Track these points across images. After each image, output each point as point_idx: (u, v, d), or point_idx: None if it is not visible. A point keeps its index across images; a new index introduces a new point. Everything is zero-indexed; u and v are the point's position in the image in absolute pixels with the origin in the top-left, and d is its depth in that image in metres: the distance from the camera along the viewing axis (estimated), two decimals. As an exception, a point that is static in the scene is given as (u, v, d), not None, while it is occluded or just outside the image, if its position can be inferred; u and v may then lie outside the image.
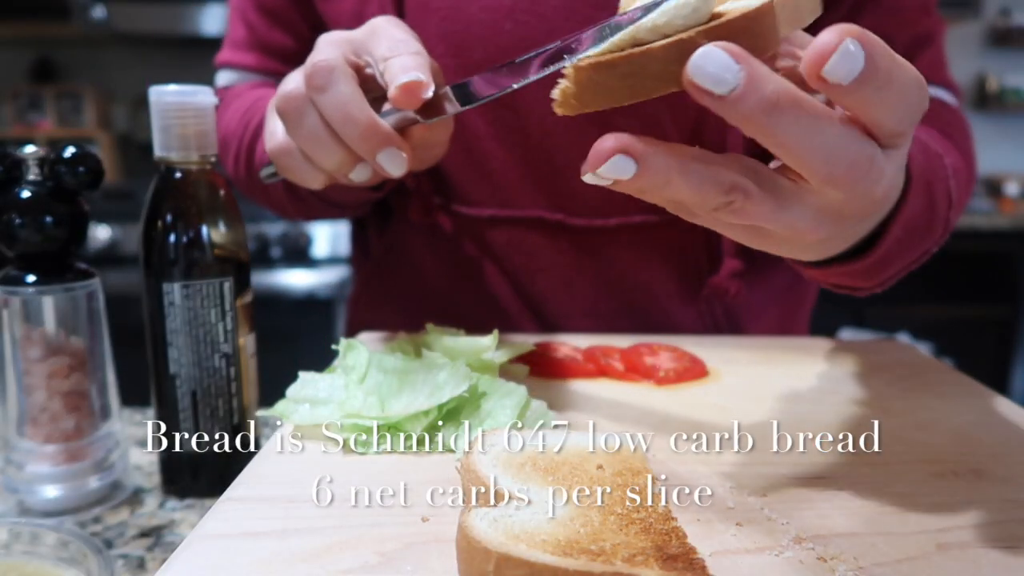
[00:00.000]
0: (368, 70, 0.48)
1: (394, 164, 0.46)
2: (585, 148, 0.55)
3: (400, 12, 0.63)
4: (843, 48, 0.28)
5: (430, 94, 0.44)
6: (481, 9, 0.61)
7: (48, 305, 0.48)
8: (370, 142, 0.45)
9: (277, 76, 0.72)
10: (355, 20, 0.65)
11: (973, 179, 0.64)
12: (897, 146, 0.33)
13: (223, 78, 0.76)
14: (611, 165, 0.30)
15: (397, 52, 0.45)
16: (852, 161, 0.30)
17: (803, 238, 0.34)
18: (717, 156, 0.31)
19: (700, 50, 0.28)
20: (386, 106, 0.48)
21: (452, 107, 0.44)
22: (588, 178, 0.32)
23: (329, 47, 0.47)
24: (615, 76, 0.30)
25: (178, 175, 0.48)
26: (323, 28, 0.69)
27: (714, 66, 0.27)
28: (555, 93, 0.31)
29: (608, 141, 0.30)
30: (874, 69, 0.28)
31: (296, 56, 0.72)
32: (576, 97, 0.31)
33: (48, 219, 0.47)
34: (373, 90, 0.47)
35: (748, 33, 0.29)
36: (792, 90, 0.28)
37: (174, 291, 0.47)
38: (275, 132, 0.51)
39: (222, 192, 0.50)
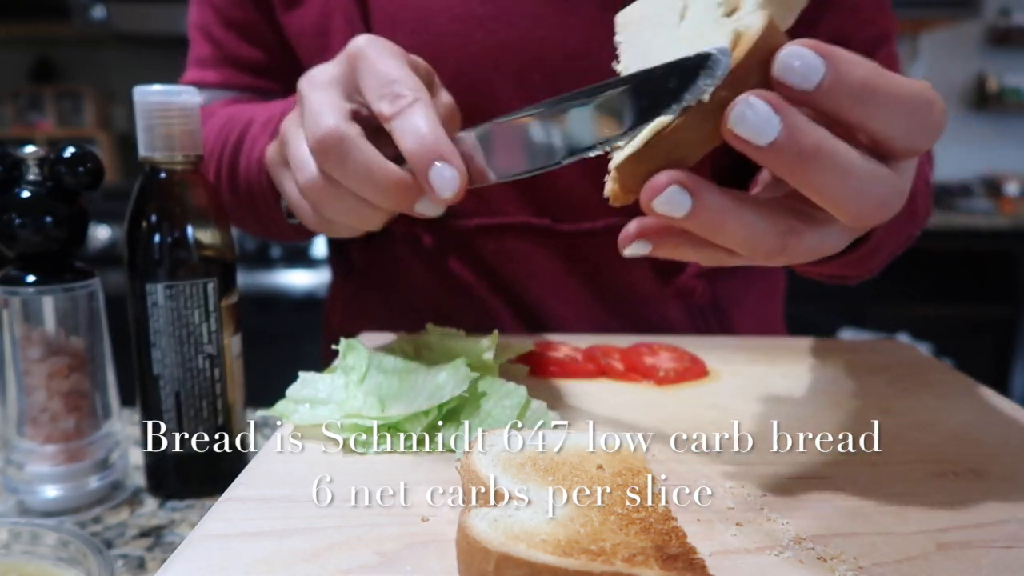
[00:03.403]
0: (365, 111, 0.45)
1: (447, 194, 0.41)
2: None
3: (366, 26, 0.62)
4: (793, 51, 0.29)
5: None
6: (451, 20, 0.61)
7: (48, 305, 0.48)
8: (407, 197, 0.43)
9: (248, 90, 0.71)
10: (318, 34, 0.64)
11: (933, 165, 0.67)
12: (912, 158, 0.33)
13: None
14: (666, 198, 0.30)
15: (397, 106, 0.41)
16: (880, 200, 0.31)
17: (822, 255, 0.35)
18: (765, 200, 0.32)
19: (741, 101, 0.28)
20: None
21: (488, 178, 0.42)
22: (628, 251, 0.34)
23: (321, 98, 0.44)
24: (656, 159, 0.31)
25: (163, 175, 0.48)
26: (289, 39, 0.68)
27: (755, 117, 0.28)
28: (606, 192, 0.33)
29: (662, 177, 0.30)
30: (838, 76, 0.29)
31: (267, 68, 0.71)
32: (624, 191, 0.32)
33: (48, 219, 0.47)
34: (372, 121, 0.44)
35: (762, 61, 0.30)
36: (828, 139, 0.29)
37: (157, 292, 0.47)
38: (305, 209, 0.48)
39: (207, 192, 0.49)
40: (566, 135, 0.36)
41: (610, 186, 0.33)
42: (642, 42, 0.36)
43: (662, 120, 0.31)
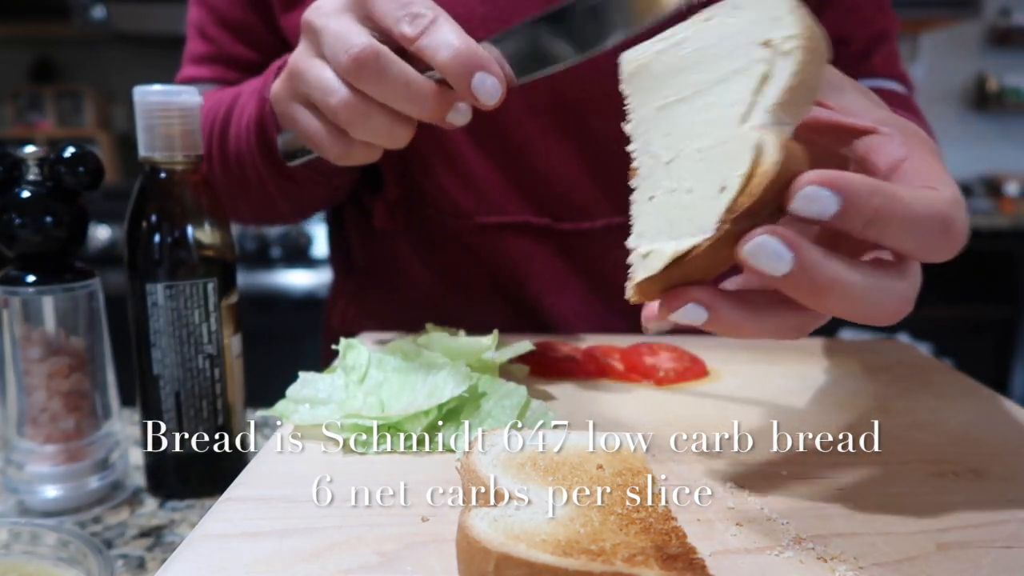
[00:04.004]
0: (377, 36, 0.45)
1: (492, 101, 0.42)
2: (563, 153, 0.54)
3: None
4: (808, 192, 0.30)
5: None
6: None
7: (48, 305, 0.48)
8: (441, 108, 0.43)
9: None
10: None
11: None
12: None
13: None
14: (682, 313, 0.33)
15: (420, 25, 0.42)
16: (892, 312, 0.32)
17: None
18: (780, 300, 0.33)
19: (756, 236, 0.30)
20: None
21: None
22: (652, 328, 0.36)
23: (341, 23, 0.44)
24: (673, 280, 0.33)
25: (163, 175, 0.48)
26: (287, 40, 0.68)
27: (769, 253, 0.30)
28: (627, 295, 0.35)
29: (679, 297, 0.32)
30: (852, 207, 0.30)
31: (260, 67, 0.70)
32: (644, 298, 0.35)
33: (48, 219, 0.47)
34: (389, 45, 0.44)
35: (778, 189, 0.30)
36: (841, 271, 0.30)
37: (157, 292, 0.47)
38: (323, 138, 0.47)
39: (207, 192, 0.49)
40: (608, 21, 0.38)
41: (630, 292, 0.35)
42: (653, 104, 0.36)
43: (682, 247, 0.32)
